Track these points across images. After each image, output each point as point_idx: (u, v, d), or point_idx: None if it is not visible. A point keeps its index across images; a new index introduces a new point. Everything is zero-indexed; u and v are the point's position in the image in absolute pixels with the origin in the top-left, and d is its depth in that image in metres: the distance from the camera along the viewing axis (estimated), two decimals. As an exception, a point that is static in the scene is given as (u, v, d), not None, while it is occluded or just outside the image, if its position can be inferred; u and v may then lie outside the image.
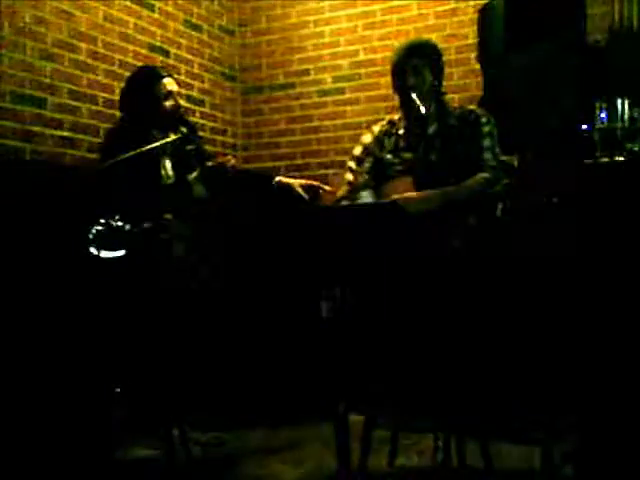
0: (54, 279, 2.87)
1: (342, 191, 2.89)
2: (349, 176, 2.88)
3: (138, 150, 2.68)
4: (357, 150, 2.89)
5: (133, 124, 2.96)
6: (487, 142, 2.65)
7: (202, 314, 2.81)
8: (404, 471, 2.64)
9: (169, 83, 2.99)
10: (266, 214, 3.66)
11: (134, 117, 2.98)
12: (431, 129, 2.72)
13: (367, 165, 2.83)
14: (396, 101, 3.97)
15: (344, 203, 2.82)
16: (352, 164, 2.88)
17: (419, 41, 3.01)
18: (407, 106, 2.72)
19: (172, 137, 2.94)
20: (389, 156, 2.78)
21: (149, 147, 2.76)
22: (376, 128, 2.88)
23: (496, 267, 2.55)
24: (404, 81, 2.68)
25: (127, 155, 2.64)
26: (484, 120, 2.68)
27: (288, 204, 3.08)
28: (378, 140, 2.83)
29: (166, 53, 4.03)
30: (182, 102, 3.04)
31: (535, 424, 2.64)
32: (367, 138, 2.87)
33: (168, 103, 2.95)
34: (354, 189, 2.83)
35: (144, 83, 2.98)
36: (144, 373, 2.76)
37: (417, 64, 2.69)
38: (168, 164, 3.06)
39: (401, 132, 2.79)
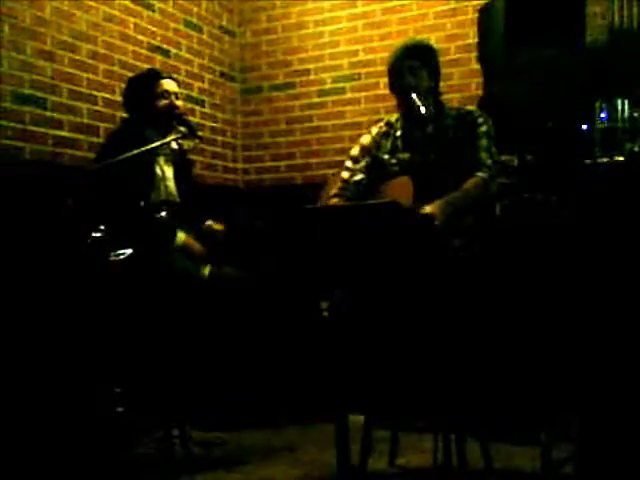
0: (55, 279, 2.87)
1: (335, 189, 2.90)
2: (344, 174, 2.90)
3: (135, 151, 2.68)
4: (354, 150, 2.90)
5: (131, 124, 2.98)
6: (483, 142, 2.66)
7: (202, 314, 2.81)
8: (404, 471, 2.64)
9: (166, 83, 2.99)
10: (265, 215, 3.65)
11: (132, 116, 3.00)
12: (428, 129, 2.73)
13: (363, 164, 2.84)
14: (395, 101, 3.96)
15: (336, 201, 2.83)
16: (349, 163, 2.89)
17: (414, 42, 3.01)
18: (406, 106, 2.72)
19: (171, 137, 2.94)
20: (386, 157, 2.79)
21: (145, 148, 2.76)
22: (374, 129, 2.89)
23: (496, 267, 2.55)
24: (402, 82, 2.69)
25: (123, 156, 2.64)
26: (481, 120, 2.68)
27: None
28: (375, 141, 2.84)
29: (166, 53, 4.03)
30: (180, 103, 3.02)
31: (535, 424, 2.64)
32: (365, 139, 2.89)
33: (162, 102, 2.95)
34: (346, 187, 2.84)
35: (142, 82, 3.00)
36: (144, 373, 2.76)
37: (412, 65, 2.70)
38: (168, 170, 3.05)
39: (399, 133, 2.79)
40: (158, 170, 3.00)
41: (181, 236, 2.93)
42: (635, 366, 2.26)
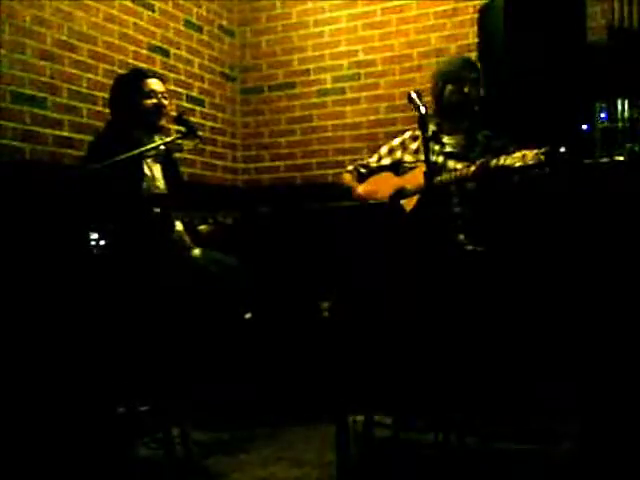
0: (55, 278, 2.87)
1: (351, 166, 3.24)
2: (362, 162, 3.23)
3: (136, 151, 2.69)
4: (383, 149, 3.18)
5: (117, 124, 2.97)
6: None
7: (202, 314, 2.81)
8: (404, 470, 2.64)
9: (152, 83, 2.97)
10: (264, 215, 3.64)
11: (118, 116, 2.98)
12: (459, 138, 2.95)
13: (383, 162, 3.12)
14: (395, 101, 4.02)
15: (347, 176, 3.20)
16: (374, 158, 3.19)
17: (468, 57, 3.29)
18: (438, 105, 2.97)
19: (171, 137, 2.94)
20: (409, 157, 3.02)
21: (146, 148, 2.77)
22: (407, 134, 3.14)
23: (494, 266, 2.55)
24: (464, 91, 2.93)
25: (126, 155, 2.65)
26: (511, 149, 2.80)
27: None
28: (404, 143, 3.10)
29: (166, 53, 4.03)
30: (166, 102, 3.00)
31: (535, 424, 2.64)
32: (396, 140, 3.15)
33: (149, 101, 2.94)
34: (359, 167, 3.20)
35: (128, 82, 2.98)
36: (144, 372, 2.75)
37: (474, 77, 2.97)
38: (156, 169, 3.05)
39: (428, 134, 2.94)
40: (147, 170, 3.00)
41: (179, 226, 2.93)
42: (635, 366, 2.26)
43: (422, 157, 2.86)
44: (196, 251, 2.98)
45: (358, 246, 2.27)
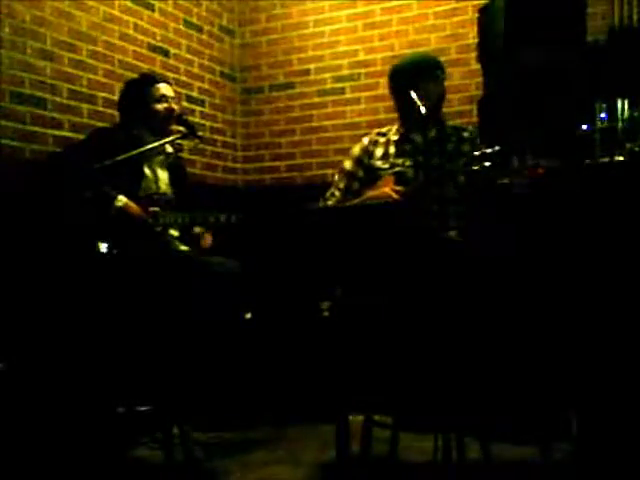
0: (55, 280, 2.87)
1: (330, 201, 3.02)
2: (337, 192, 3.01)
3: (135, 152, 2.70)
4: (348, 164, 3.01)
5: (126, 126, 2.98)
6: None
7: (202, 314, 2.81)
8: (404, 470, 2.64)
9: (164, 88, 3.01)
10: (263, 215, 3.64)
11: (127, 119, 3.00)
12: (431, 134, 2.86)
13: (360, 175, 2.96)
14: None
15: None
16: (344, 180, 2.99)
17: (430, 54, 3.27)
18: (408, 107, 2.78)
19: (171, 137, 2.95)
20: (379, 162, 2.91)
21: (145, 147, 2.78)
22: (365, 139, 3.02)
23: (493, 264, 2.55)
24: (432, 89, 2.88)
25: (128, 154, 2.66)
26: (479, 142, 2.80)
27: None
28: (367, 150, 2.97)
29: (166, 53, 4.03)
30: (175, 107, 3.03)
31: (535, 424, 2.64)
32: (356, 150, 3.02)
33: (160, 106, 2.97)
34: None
35: (139, 85, 3.01)
36: (144, 372, 2.76)
37: (439, 75, 2.94)
38: (162, 173, 3.06)
39: (395, 138, 2.90)
40: (148, 172, 3.00)
41: (121, 199, 2.85)
42: (635, 365, 2.26)
43: (395, 161, 2.88)
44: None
45: (358, 246, 2.27)
